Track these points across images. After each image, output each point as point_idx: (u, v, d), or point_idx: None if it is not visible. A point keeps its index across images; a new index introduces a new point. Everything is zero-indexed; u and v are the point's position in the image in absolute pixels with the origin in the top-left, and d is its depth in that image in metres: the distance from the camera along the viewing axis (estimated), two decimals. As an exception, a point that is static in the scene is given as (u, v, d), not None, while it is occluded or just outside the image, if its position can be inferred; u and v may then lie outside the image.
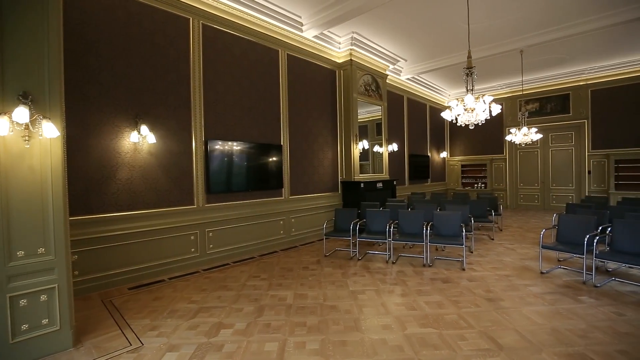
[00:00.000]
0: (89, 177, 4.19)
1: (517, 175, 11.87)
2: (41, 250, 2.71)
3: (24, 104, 2.55)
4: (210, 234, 5.44)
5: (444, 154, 13.22)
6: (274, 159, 6.43)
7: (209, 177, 5.36)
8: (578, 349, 2.70)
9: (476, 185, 12.73)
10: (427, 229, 5.18)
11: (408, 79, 10.28)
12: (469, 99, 4.66)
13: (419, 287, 4.18)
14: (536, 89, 11.10)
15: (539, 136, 8.45)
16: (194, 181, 5.24)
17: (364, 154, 8.37)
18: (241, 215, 5.87)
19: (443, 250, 6.04)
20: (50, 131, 2.64)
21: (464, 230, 5.08)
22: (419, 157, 11.45)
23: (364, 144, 8.29)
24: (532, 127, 8.82)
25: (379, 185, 8.31)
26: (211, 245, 5.45)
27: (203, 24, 5.35)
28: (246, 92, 6.02)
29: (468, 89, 4.84)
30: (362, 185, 7.67)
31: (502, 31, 7.20)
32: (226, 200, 5.67)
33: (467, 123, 4.90)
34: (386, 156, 8.90)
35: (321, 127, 7.59)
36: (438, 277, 4.58)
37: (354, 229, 5.63)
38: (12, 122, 2.50)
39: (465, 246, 5.13)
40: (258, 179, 6.14)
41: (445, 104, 12.89)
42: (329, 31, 7.03)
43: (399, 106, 10.47)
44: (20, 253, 2.61)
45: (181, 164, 5.11)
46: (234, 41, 5.80)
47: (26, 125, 2.57)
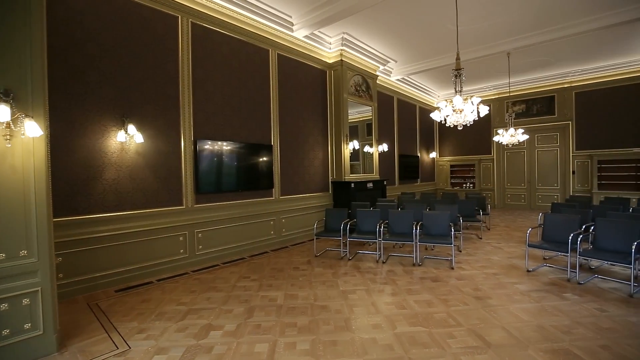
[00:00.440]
0: (74, 178, 4.09)
1: (504, 175, 12.10)
2: (23, 252, 2.63)
3: (4, 101, 2.48)
4: (200, 234, 5.37)
5: (433, 154, 13.38)
6: (265, 159, 6.40)
7: (198, 177, 5.30)
8: (562, 344, 2.76)
9: (465, 185, 12.92)
10: (416, 228, 5.23)
11: (398, 79, 10.37)
12: (457, 100, 4.72)
13: (408, 286, 4.22)
14: (523, 90, 11.33)
15: (526, 137, 8.63)
16: (183, 181, 5.17)
17: (355, 154, 8.40)
18: (231, 215, 5.82)
19: (432, 250, 6.11)
20: (33, 130, 2.57)
21: (452, 230, 5.14)
22: (408, 157, 11.55)
23: (355, 144, 8.33)
24: (519, 128, 9.01)
25: (370, 185, 8.36)
26: (200, 246, 5.38)
27: (192, 22, 5.28)
28: (236, 91, 5.97)
29: (457, 90, 4.91)
30: (352, 185, 7.70)
31: (490, 34, 7.33)
32: (216, 201, 5.61)
33: (455, 124, 4.96)
34: (376, 156, 8.96)
35: (312, 127, 7.58)
36: (427, 276, 4.63)
37: (345, 229, 5.65)
38: (-7, 120, 2.42)
39: (454, 245, 5.20)
40: (248, 179, 6.10)
41: (435, 105, 13.01)
42: (319, 31, 7.04)
43: (389, 107, 10.54)
44: (1, 255, 2.53)
45: (170, 164, 5.03)
46: (223, 40, 5.75)
47: (7, 123, 2.49)
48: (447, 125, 5.13)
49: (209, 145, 5.45)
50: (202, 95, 5.43)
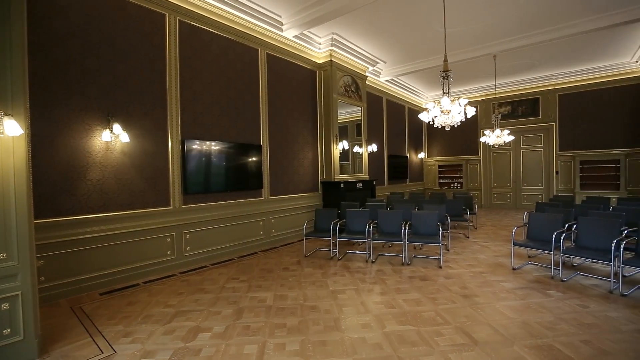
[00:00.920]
0: (56, 178, 3.98)
1: (491, 176, 12.33)
2: (2, 255, 2.54)
3: (-17, 99, 2.40)
4: (187, 235, 5.30)
5: (421, 155, 13.53)
6: (254, 159, 6.36)
7: (186, 177, 5.23)
8: (546, 340, 2.83)
9: (452, 185, 13.11)
10: (405, 228, 5.28)
11: (387, 80, 10.45)
12: (445, 102, 4.78)
13: (397, 286, 4.26)
14: (509, 92, 11.57)
15: (511, 138, 8.81)
16: (170, 182, 5.09)
17: (344, 154, 8.43)
18: (220, 216, 5.76)
19: (421, 249, 6.18)
20: (13, 129, 2.49)
21: (440, 229, 5.21)
22: (397, 157, 11.65)
23: (344, 144, 8.35)
24: (505, 129, 9.20)
25: (359, 185, 8.39)
26: (188, 248, 5.31)
27: (180, 20, 5.21)
28: (225, 91, 5.91)
29: (444, 91, 4.97)
30: (342, 185, 7.72)
31: (477, 36, 7.46)
32: (204, 201, 5.55)
33: (443, 124, 5.02)
34: (366, 156, 9.01)
35: (301, 128, 7.57)
36: (416, 275, 4.68)
37: (334, 229, 5.66)
38: (-30, 118, 2.34)
39: (442, 244, 5.27)
40: (237, 179, 6.05)
41: (423, 106, 13.19)
42: (309, 31, 7.03)
43: (378, 107, 10.62)
44: (-21, 259, 2.44)
45: (157, 164, 4.95)
46: (212, 39, 5.69)
47: (-15, 122, 2.41)
48: (435, 126, 5.20)
49: (197, 145, 5.38)
50: (190, 94, 5.36)
